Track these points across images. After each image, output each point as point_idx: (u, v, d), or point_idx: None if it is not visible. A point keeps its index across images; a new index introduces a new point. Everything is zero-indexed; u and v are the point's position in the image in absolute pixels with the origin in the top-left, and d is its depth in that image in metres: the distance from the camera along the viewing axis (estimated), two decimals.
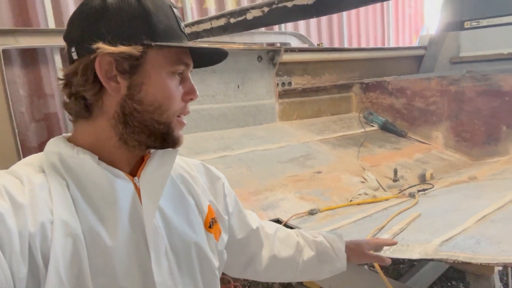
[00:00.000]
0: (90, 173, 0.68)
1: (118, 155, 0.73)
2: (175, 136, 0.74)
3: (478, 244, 1.09)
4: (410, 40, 6.71)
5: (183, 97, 0.74)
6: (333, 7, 1.10)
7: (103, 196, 0.68)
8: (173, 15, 0.73)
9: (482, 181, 2.18)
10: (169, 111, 0.72)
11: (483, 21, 3.97)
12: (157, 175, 0.74)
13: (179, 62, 0.72)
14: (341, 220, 1.78)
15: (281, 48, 2.98)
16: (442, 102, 3.18)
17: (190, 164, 0.91)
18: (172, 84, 0.72)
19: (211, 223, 0.85)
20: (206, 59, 0.81)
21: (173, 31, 0.72)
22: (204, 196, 0.87)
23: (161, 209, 0.76)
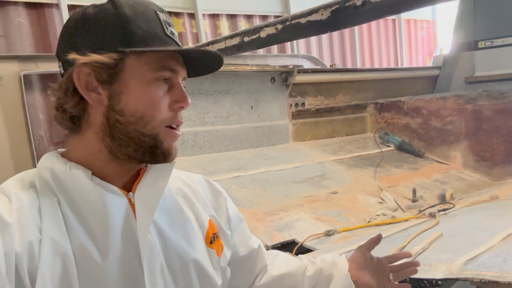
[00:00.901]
0: (83, 189, 0.66)
1: (110, 169, 0.70)
2: (165, 149, 0.70)
3: (505, 262, 1.03)
4: (424, 61, 6.71)
5: (171, 106, 0.70)
6: (346, 22, 1.11)
7: (95, 213, 0.66)
8: (157, 19, 0.70)
9: (504, 200, 2.10)
10: (153, 122, 0.68)
11: (497, 41, 3.94)
12: (152, 190, 0.71)
13: (163, 68, 0.68)
14: (359, 241, 1.72)
15: (294, 69, 3.00)
16: (459, 121, 3.13)
17: (192, 178, 0.89)
18: (156, 92, 0.68)
19: (212, 239, 0.82)
20: (201, 65, 0.77)
21: (154, 37, 0.68)
22: (205, 210, 0.84)
23: (157, 224, 0.73)
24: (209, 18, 4.79)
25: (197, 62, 0.76)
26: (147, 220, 0.69)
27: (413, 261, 1.13)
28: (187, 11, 4.50)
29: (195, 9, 4.53)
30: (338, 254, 1.54)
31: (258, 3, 5.38)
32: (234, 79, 2.81)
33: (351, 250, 1.59)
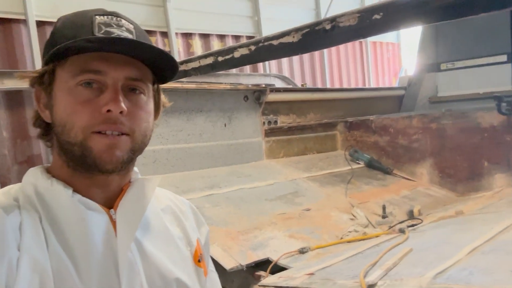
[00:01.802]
0: (63, 206, 0.66)
1: (82, 184, 0.69)
2: (96, 157, 0.65)
3: (471, 275, 1.08)
4: (390, 81, 7.00)
5: (100, 109, 0.65)
6: (316, 45, 1.15)
7: (75, 230, 0.65)
8: (89, 24, 0.67)
9: (469, 215, 2.19)
10: (74, 128, 0.65)
11: (458, 63, 4.18)
12: (134, 207, 0.71)
13: (84, 71, 0.65)
14: (332, 258, 1.74)
15: (267, 88, 3.06)
16: (424, 140, 3.26)
17: (179, 199, 0.88)
18: (77, 98, 0.65)
19: (200, 258, 0.81)
20: (160, 65, 0.72)
21: (79, 41, 0.64)
22: (193, 230, 0.84)
23: (139, 242, 0.71)
24: (182, 37, 4.82)
25: (154, 62, 0.71)
26: (128, 238, 0.68)
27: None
28: (160, 29, 4.52)
29: (168, 27, 4.55)
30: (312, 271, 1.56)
31: (230, 24, 5.47)
32: (208, 97, 2.82)
33: (325, 267, 1.61)
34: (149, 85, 0.73)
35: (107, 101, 0.65)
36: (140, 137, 0.70)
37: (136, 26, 0.72)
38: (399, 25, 0.93)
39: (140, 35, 0.71)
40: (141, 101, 0.71)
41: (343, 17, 0.99)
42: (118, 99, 0.65)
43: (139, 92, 0.70)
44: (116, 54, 0.66)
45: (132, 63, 0.68)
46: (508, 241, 1.35)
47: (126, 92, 0.68)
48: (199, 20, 4.90)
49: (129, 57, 0.68)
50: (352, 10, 0.97)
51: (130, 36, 0.69)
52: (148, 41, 0.71)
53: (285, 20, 6.56)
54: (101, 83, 0.66)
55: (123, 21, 0.70)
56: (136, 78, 0.69)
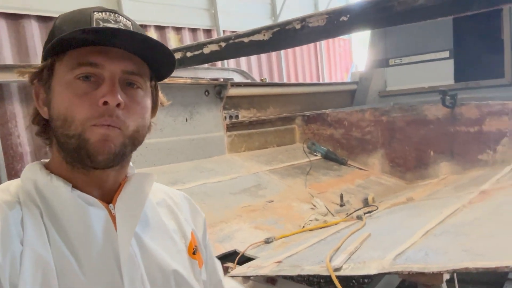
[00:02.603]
0: (63, 202, 0.67)
1: (81, 180, 0.70)
2: (90, 147, 0.66)
3: (427, 255, 1.19)
4: (342, 76, 7.28)
5: (98, 102, 0.65)
6: (286, 43, 1.20)
7: (76, 225, 0.66)
8: (87, 20, 0.67)
9: (419, 201, 2.37)
10: (75, 122, 0.65)
11: (405, 59, 4.45)
12: (133, 201, 0.72)
13: (80, 64, 0.66)
14: (297, 246, 1.82)
15: (228, 83, 3.08)
16: (376, 132, 3.46)
17: (174, 192, 0.90)
18: (75, 91, 0.66)
19: (194, 250, 0.83)
20: (155, 58, 0.72)
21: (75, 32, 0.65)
22: (187, 222, 0.86)
23: (138, 236, 0.73)
24: None
25: (151, 55, 0.71)
26: (129, 232, 0.70)
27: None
28: None
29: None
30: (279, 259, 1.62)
31: (187, 16, 5.39)
32: (168, 91, 2.74)
33: (291, 254, 1.68)
34: (147, 81, 0.73)
35: (104, 93, 0.65)
36: (132, 132, 0.70)
37: (134, 23, 0.73)
38: (364, 27, 1.00)
39: (138, 31, 0.72)
40: (138, 95, 0.71)
41: (312, 18, 1.05)
42: (115, 91, 0.66)
43: (137, 86, 0.71)
44: (114, 48, 0.67)
45: (130, 57, 0.69)
46: (457, 223, 1.49)
47: (124, 86, 0.69)
48: (154, 12, 4.78)
49: (127, 52, 0.69)
50: (321, 12, 1.02)
51: (131, 30, 0.70)
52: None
53: (242, 13, 6.59)
54: (99, 76, 0.67)
55: (121, 18, 0.71)
56: (133, 72, 0.70)
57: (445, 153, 3.10)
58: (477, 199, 1.87)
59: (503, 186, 2.01)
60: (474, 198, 1.89)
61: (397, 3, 0.91)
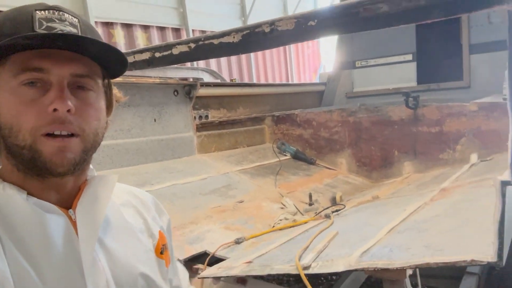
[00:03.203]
0: (18, 211, 0.64)
1: (36, 187, 0.67)
2: (46, 160, 0.63)
3: (391, 252, 1.24)
4: (310, 77, 7.40)
5: (46, 109, 0.62)
6: (256, 46, 1.22)
7: (34, 234, 0.63)
8: (29, 19, 0.63)
9: (384, 199, 2.46)
10: (22, 131, 0.62)
11: (371, 61, 4.58)
12: (94, 205, 0.70)
13: (25, 70, 0.62)
14: (267, 245, 1.84)
15: (197, 83, 3.05)
16: (343, 132, 3.55)
17: (139, 191, 0.89)
18: (20, 98, 0.62)
19: (162, 249, 0.82)
20: (106, 59, 0.69)
21: (17, 39, 0.61)
22: (155, 221, 0.85)
23: (101, 240, 0.71)
24: (103, 26, 4.55)
25: (101, 56, 0.68)
26: (91, 237, 0.68)
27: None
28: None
29: (87, 16, 4.27)
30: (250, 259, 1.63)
31: (155, 14, 5.30)
32: (135, 91, 2.74)
33: (261, 254, 1.70)
34: (98, 81, 0.71)
35: (52, 99, 0.62)
36: (91, 136, 0.68)
37: (81, 20, 0.69)
38: (331, 32, 1.03)
39: (85, 29, 0.68)
40: (90, 98, 0.68)
41: (281, 22, 1.07)
42: (64, 97, 0.62)
43: (87, 89, 0.68)
44: (60, 50, 0.63)
45: (78, 59, 0.66)
46: (419, 220, 1.56)
47: (74, 89, 0.66)
48: (121, 9, 4.67)
49: (74, 53, 0.65)
50: (290, 16, 1.05)
51: (74, 31, 0.66)
52: (94, 35, 0.69)
53: (211, 13, 6.56)
54: (45, 81, 0.63)
55: (66, 15, 0.66)
56: (83, 75, 0.66)
57: (409, 152, 3.22)
58: (438, 197, 1.96)
59: (461, 184, 2.12)
60: (435, 196, 1.98)
61: (362, 9, 0.94)
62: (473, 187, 1.93)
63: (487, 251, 0.94)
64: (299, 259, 1.43)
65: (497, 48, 3.59)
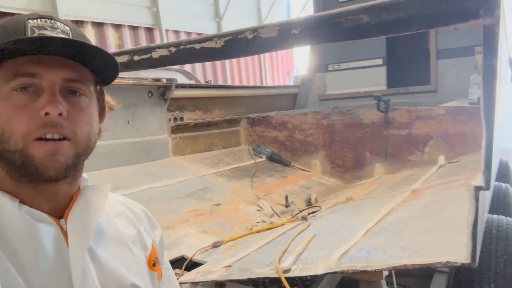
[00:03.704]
0: (10, 219, 0.63)
1: (28, 194, 0.66)
2: (38, 164, 0.63)
3: (369, 253, 1.27)
4: (284, 79, 7.47)
5: (38, 113, 0.63)
6: (238, 52, 1.22)
7: (24, 243, 0.63)
8: (21, 28, 0.64)
9: (357, 200, 2.52)
10: (14, 136, 0.62)
11: (343, 65, 4.69)
12: (86, 215, 0.69)
13: (17, 75, 0.63)
14: (246, 248, 1.85)
15: (172, 84, 3.02)
16: (317, 134, 3.61)
17: (132, 202, 0.88)
18: (12, 104, 0.62)
19: (154, 262, 0.81)
20: (100, 64, 0.69)
21: (8, 43, 0.61)
22: (147, 234, 0.84)
23: (92, 250, 0.70)
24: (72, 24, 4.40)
25: (93, 61, 0.68)
26: (81, 248, 0.67)
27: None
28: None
29: (56, 13, 4.11)
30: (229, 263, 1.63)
31: (127, 13, 5.18)
32: (107, 92, 2.66)
33: (240, 258, 1.71)
34: (90, 87, 0.71)
35: (44, 104, 0.63)
36: (83, 141, 0.67)
37: (73, 28, 0.69)
38: (313, 40, 1.06)
39: (77, 37, 0.69)
40: (82, 103, 0.68)
41: (264, 29, 1.08)
42: (56, 100, 0.63)
43: (80, 94, 0.68)
44: (51, 56, 0.64)
45: (70, 65, 0.66)
46: (394, 222, 1.61)
47: (66, 94, 0.66)
48: (92, 7, 4.53)
49: (66, 58, 0.66)
50: (273, 23, 1.06)
51: (66, 37, 0.66)
52: (85, 41, 0.68)
53: (185, 13, 6.48)
54: (37, 86, 0.64)
55: (58, 23, 0.67)
56: (75, 79, 0.67)
57: (380, 154, 3.32)
58: (410, 198, 2.03)
59: (431, 185, 2.21)
60: (407, 197, 2.05)
61: (344, 19, 0.97)
62: (442, 189, 2.01)
63: (461, 253, 0.99)
64: (279, 262, 1.44)
65: (462, 54, 3.77)
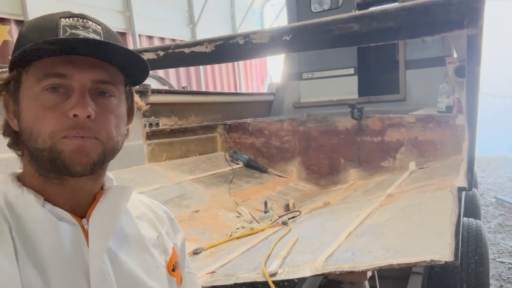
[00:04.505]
0: (34, 216, 0.64)
1: (54, 192, 0.67)
2: (65, 159, 0.63)
3: (354, 255, 1.31)
4: (257, 86, 7.53)
5: (67, 114, 0.63)
6: (229, 57, 1.23)
7: (45, 241, 0.63)
8: (54, 26, 0.65)
9: (334, 205, 2.57)
10: (42, 135, 0.63)
11: (316, 73, 4.80)
12: (107, 216, 0.69)
13: (48, 75, 0.63)
14: (227, 254, 1.84)
15: (148, 89, 2.98)
16: (294, 141, 3.66)
17: (156, 204, 0.86)
18: (42, 104, 0.63)
19: (174, 266, 0.80)
20: (128, 65, 0.69)
21: (40, 44, 0.62)
22: (169, 237, 0.83)
23: (112, 252, 0.69)
24: None
25: (123, 62, 0.68)
26: (101, 249, 0.66)
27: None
28: (15, 17, 3.86)
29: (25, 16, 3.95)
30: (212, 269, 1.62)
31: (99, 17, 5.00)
32: None
33: (224, 264, 1.70)
34: (120, 88, 0.70)
35: (73, 105, 0.63)
36: (110, 142, 0.67)
37: (105, 27, 0.70)
38: (305, 47, 1.08)
39: (108, 37, 0.69)
40: (111, 104, 0.68)
41: (256, 35, 1.10)
42: (85, 103, 0.63)
43: (109, 95, 0.68)
44: (82, 56, 0.64)
45: (100, 65, 0.66)
46: (374, 225, 1.66)
47: (95, 95, 0.66)
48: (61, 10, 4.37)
49: (97, 59, 0.65)
50: (265, 29, 1.08)
51: (97, 38, 0.66)
52: (117, 42, 0.68)
53: (158, 18, 6.42)
54: (67, 87, 0.64)
55: (90, 23, 0.68)
56: (105, 81, 0.67)
57: (354, 160, 3.41)
58: (386, 202, 2.10)
59: (405, 190, 2.30)
60: (383, 201, 2.12)
61: (335, 27, 1.00)
62: (416, 193, 2.09)
63: (444, 251, 1.03)
64: (265, 266, 1.45)
65: (429, 64, 3.96)
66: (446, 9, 0.82)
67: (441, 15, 0.86)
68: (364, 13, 0.95)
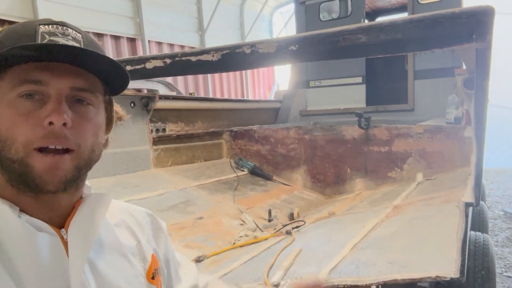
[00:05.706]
0: (9, 228, 0.60)
1: (28, 203, 0.64)
2: (36, 176, 0.61)
3: (358, 268, 1.29)
4: (264, 94, 7.55)
5: (41, 122, 0.60)
6: (235, 66, 1.23)
7: (23, 253, 0.60)
8: (32, 33, 0.63)
9: (340, 216, 2.55)
10: (15, 144, 0.60)
11: (324, 82, 4.79)
12: (86, 226, 0.67)
13: (24, 82, 0.61)
14: (229, 263, 1.83)
15: (156, 95, 2.99)
16: (299, 149, 3.64)
17: (136, 209, 0.85)
18: (17, 110, 0.61)
19: (154, 274, 0.79)
20: (108, 74, 0.67)
21: (15, 49, 0.60)
22: (149, 244, 0.82)
23: (92, 262, 0.68)
24: None
25: (103, 71, 0.67)
26: (81, 260, 0.64)
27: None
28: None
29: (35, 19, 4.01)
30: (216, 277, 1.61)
31: (109, 23, 5.12)
32: None
33: (226, 273, 1.68)
34: (99, 96, 0.69)
35: (48, 112, 0.60)
36: (86, 153, 0.65)
37: (85, 35, 0.68)
38: (311, 57, 1.08)
39: (89, 45, 0.67)
40: (89, 112, 0.66)
41: (262, 44, 1.10)
42: (61, 110, 0.61)
43: (87, 103, 0.66)
44: (60, 63, 0.62)
45: (78, 73, 0.64)
46: (379, 237, 1.64)
47: (72, 103, 0.64)
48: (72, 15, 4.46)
49: (75, 66, 0.64)
50: (272, 39, 1.08)
51: (76, 45, 0.64)
52: (97, 50, 0.66)
53: (168, 24, 6.48)
54: (43, 94, 0.62)
55: (70, 30, 0.66)
56: (83, 88, 0.65)
57: (360, 170, 3.38)
58: (392, 214, 2.07)
59: (412, 201, 2.27)
60: (390, 213, 2.09)
61: (342, 38, 0.99)
62: (424, 205, 2.06)
63: (450, 267, 1.01)
64: (267, 277, 1.43)
65: (438, 75, 3.93)
66: (455, 22, 0.81)
67: (449, 28, 0.85)
68: (372, 24, 0.94)
